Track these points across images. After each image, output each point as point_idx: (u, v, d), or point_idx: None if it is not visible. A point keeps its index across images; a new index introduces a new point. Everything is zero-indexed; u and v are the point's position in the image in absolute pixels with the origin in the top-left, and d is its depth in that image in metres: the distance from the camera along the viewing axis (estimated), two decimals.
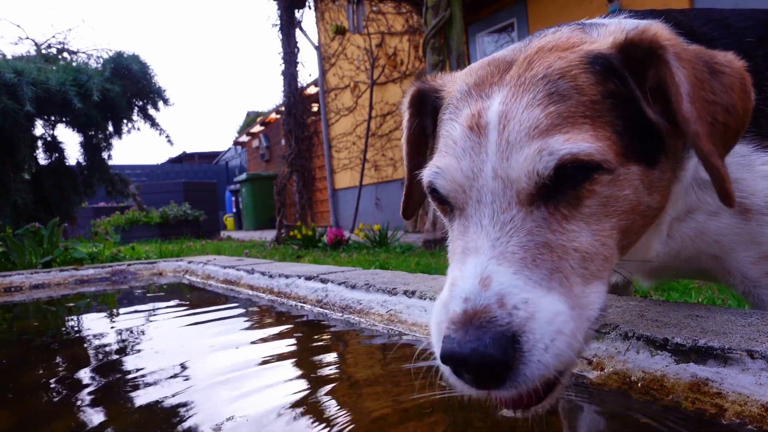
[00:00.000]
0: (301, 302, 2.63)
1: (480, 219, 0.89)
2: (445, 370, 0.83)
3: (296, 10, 10.42)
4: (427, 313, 1.89)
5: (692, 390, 1.07)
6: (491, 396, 0.81)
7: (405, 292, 2.06)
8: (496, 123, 0.91)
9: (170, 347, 2.00)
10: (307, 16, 26.40)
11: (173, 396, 1.42)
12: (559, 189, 0.88)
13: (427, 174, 1.00)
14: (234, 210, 22.34)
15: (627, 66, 0.97)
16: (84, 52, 8.77)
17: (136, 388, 1.54)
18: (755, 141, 1.20)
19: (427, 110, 1.23)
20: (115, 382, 1.63)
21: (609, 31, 1.05)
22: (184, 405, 1.35)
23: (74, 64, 7.73)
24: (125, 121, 7.67)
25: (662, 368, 1.15)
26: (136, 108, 7.74)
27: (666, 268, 1.41)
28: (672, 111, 0.93)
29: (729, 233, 1.24)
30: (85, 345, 2.21)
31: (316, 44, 14.54)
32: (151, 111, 7.80)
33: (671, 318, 1.32)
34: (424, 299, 1.96)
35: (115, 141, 7.87)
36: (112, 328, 2.55)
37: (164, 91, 7.70)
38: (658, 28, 0.97)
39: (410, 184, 1.35)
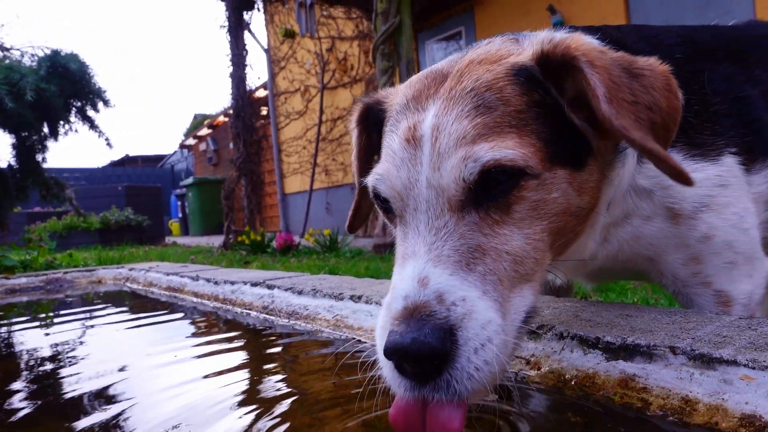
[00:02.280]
0: (246, 309, 2.59)
1: (417, 225, 0.94)
2: (386, 368, 0.86)
3: (245, 12, 10.27)
4: (373, 318, 1.90)
5: (621, 386, 1.13)
6: (426, 397, 0.83)
7: (351, 297, 2.07)
8: (429, 135, 0.97)
9: (109, 359, 1.92)
10: (256, 19, 26.02)
11: (114, 411, 1.37)
12: (489, 195, 0.94)
13: (370, 180, 1.04)
14: (180, 215, 21.70)
15: (548, 76, 1.03)
16: (18, 50, 8.34)
17: (73, 403, 1.47)
18: (684, 150, 1.28)
19: (372, 124, 1.28)
20: (50, 398, 1.56)
21: (534, 42, 1.11)
22: (127, 419, 1.30)
23: (7, 61, 7.34)
24: (62, 122, 7.34)
25: (594, 366, 1.20)
26: (74, 109, 7.43)
27: (606, 271, 1.48)
28: (595, 115, 0.98)
29: (661, 236, 1.32)
30: (16, 359, 2.09)
31: (266, 47, 14.37)
32: (90, 112, 7.51)
33: (603, 318, 1.38)
34: (370, 303, 1.97)
35: (50, 143, 7.53)
36: (46, 340, 2.43)
37: (104, 91, 7.43)
38: (572, 40, 1.03)
39: (360, 199, 1.39)
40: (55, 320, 3.02)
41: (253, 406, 1.31)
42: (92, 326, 2.69)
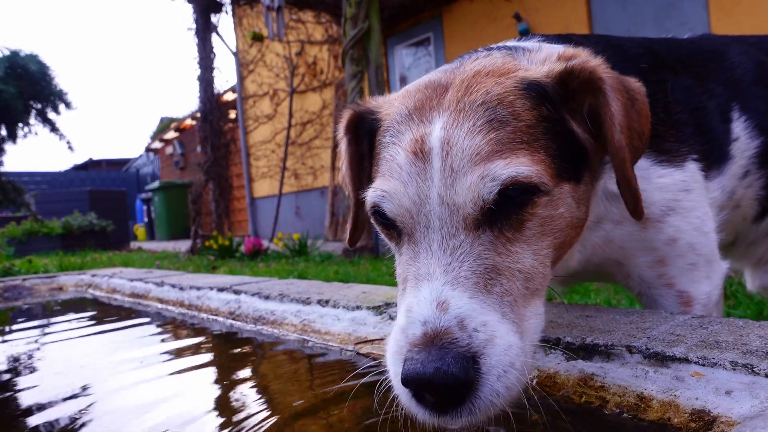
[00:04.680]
0: (213, 315, 2.55)
1: (429, 245, 0.92)
2: (404, 395, 0.84)
3: (212, 15, 10.15)
4: (340, 322, 1.90)
5: (580, 385, 1.16)
6: (447, 424, 0.84)
7: (319, 302, 2.07)
8: (439, 149, 0.93)
9: (70, 370, 1.87)
10: (224, 21, 25.79)
11: (77, 428, 1.33)
12: (503, 213, 0.93)
13: (372, 196, 1.00)
14: (146, 219, 21.26)
15: (560, 93, 1.03)
16: None
17: (32, 421, 1.42)
18: (652, 156, 1.33)
19: (362, 133, 1.23)
20: (7, 415, 1.51)
21: (540, 58, 1.12)
22: None
23: None
24: (21, 124, 7.12)
25: (555, 366, 1.23)
26: (34, 111, 7.22)
27: (577, 274, 1.51)
28: (602, 134, 1.02)
29: (630, 240, 1.36)
30: None
31: (234, 50, 14.21)
32: (51, 115, 7.32)
33: (564, 318, 1.41)
34: (338, 308, 1.97)
35: (8, 146, 7.28)
36: (2, 351, 2.35)
37: (66, 93, 7.25)
38: (595, 60, 1.05)
39: (357, 210, 1.31)
40: (13, 329, 2.92)
41: (222, 419, 1.29)
42: (52, 336, 2.62)
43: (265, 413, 1.28)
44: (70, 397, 1.51)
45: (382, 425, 1.03)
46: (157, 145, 24.48)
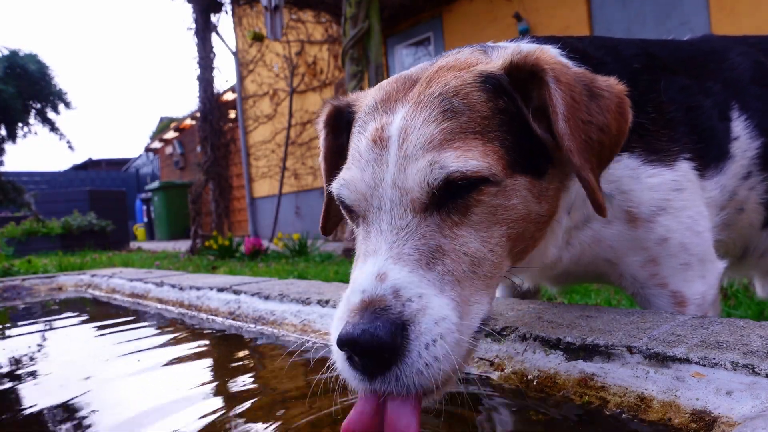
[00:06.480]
0: (212, 315, 2.55)
1: (380, 224, 0.96)
2: (339, 360, 0.88)
3: (212, 15, 10.14)
4: None
5: (580, 385, 1.15)
6: (375, 389, 0.85)
7: (319, 302, 2.06)
8: (397, 137, 0.99)
9: (70, 372, 1.87)
10: (224, 21, 25.82)
11: (77, 427, 1.33)
12: (451, 198, 0.96)
13: (335, 186, 1.06)
14: (145, 219, 21.26)
15: (515, 86, 1.06)
16: None
17: (32, 420, 1.42)
18: (642, 156, 1.32)
19: (342, 126, 1.29)
20: (8, 414, 1.51)
21: (505, 54, 1.14)
22: None
23: None
24: (20, 124, 7.12)
25: (555, 366, 1.23)
26: (33, 111, 7.21)
27: (569, 274, 1.52)
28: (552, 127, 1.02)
29: (621, 239, 1.36)
30: None
31: (234, 50, 14.20)
32: (51, 114, 7.32)
33: (565, 319, 1.41)
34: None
35: (8, 146, 7.28)
36: (1, 351, 2.35)
37: (65, 93, 7.25)
38: (542, 53, 1.07)
39: (329, 201, 1.38)
40: (12, 330, 2.92)
41: (219, 415, 1.29)
42: (51, 336, 2.61)
43: (259, 407, 1.28)
44: (68, 395, 1.51)
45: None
46: (157, 145, 24.47)
